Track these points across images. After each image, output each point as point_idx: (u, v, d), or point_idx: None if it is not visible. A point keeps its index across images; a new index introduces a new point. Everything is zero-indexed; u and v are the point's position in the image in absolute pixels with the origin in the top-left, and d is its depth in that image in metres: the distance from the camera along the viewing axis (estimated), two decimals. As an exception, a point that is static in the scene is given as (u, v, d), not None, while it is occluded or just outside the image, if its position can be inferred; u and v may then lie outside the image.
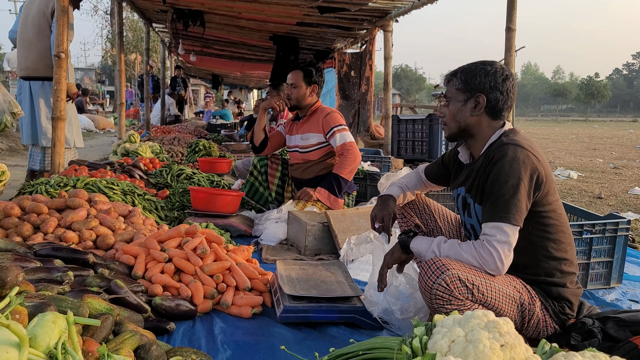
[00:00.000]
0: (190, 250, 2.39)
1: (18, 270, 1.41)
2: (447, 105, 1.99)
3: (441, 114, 2.02)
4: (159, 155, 6.61)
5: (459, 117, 1.94)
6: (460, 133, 1.97)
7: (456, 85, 1.95)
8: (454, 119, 1.96)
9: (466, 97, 1.92)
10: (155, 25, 10.87)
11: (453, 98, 1.96)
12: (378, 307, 2.13)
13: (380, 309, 2.13)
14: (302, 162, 3.87)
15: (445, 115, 2.00)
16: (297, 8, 6.86)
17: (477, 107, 1.91)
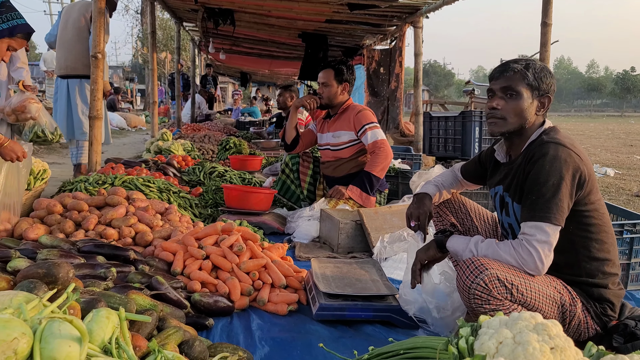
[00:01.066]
0: (226, 248, 2.43)
1: (69, 267, 1.47)
2: (506, 99, 1.88)
3: (497, 106, 1.89)
4: (190, 152, 6.72)
5: (526, 115, 1.86)
6: (516, 131, 1.89)
7: (528, 81, 1.85)
8: (520, 115, 1.86)
9: (534, 95, 1.88)
10: (185, 24, 11.01)
11: (521, 93, 1.86)
12: (414, 306, 2.13)
13: (416, 308, 2.13)
14: (333, 160, 3.88)
15: (503, 109, 1.88)
16: (327, 5, 6.86)
17: (542, 107, 1.89)
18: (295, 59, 13.30)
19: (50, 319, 0.95)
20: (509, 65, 1.89)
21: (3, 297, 1.04)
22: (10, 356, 0.86)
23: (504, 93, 1.88)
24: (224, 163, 6.22)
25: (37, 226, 2.68)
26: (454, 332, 2.06)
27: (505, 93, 1.88)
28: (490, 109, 1.92)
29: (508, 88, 1.87)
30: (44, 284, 1.40)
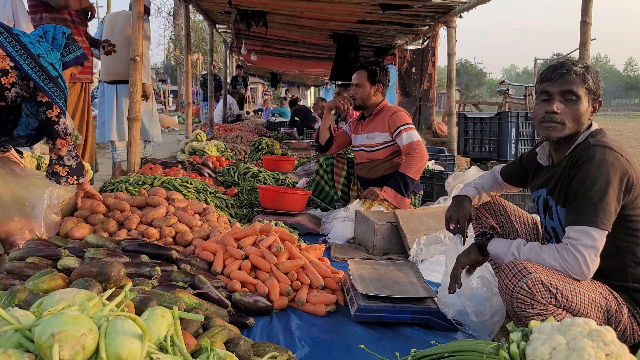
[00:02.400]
0: (265, 248, 2.47)
1: (120, 266, 1.52)
2: (566, 104, 1.83)
3: (557, 110, 1.82)
4: (223, 153, 6.81)
5: (583, 120, 1.83)
6: (574, 135, 1.86)
7: (587, 86, 1.81)
8: (578, 120, 1.83)
9: (590, 100, 1.85)
10: (218, 26, 11.16)
11: (581, 97, 1.82)
12: (452, 309, 2.12)
13: (454, 311, 2.12)
14: (368, 161, 3.89)
15: (562, 113, 1.83)
16: (359, 6, 6.87)
17: (593, 112, 1.86)
18: (325, 60, 13.34)
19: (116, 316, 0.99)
20: (569, 67, 1.83)
21: (66, 295, 1.08)
22: (79, 351, 0.90)
23: (563, 97, 1.83)
24: (256, 164, 6.30)
25: (82, 225, 2.77)
26: (492, 336, 2.04)
27: (565, 97, 1.83)
28: (549, 112, 1.84)
29: (569, 92, 1.82)
30: (98, 282, 1.46)
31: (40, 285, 1.52)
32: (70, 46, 2.95)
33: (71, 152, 2.88)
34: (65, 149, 2.84)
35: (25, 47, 2.63)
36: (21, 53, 2.60)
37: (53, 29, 2.90)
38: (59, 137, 2.79)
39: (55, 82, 2.71)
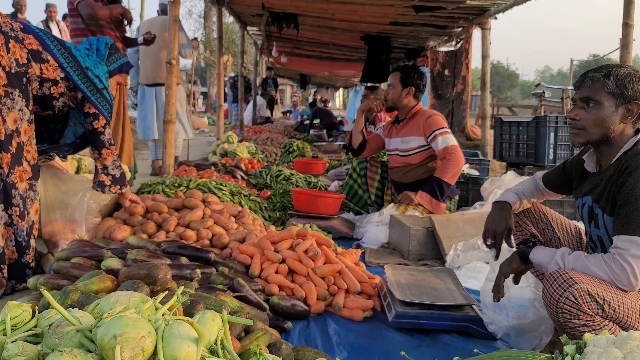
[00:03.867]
0: (302, 252, 2.48)
1: (167, 269, 1.55)
2: (586, 109, 1.83)
3: (575, 117, 1.85)
4: (254, 155, 6.87)
5: (608, 124, 1.80)
6: (601, 141, 1.84)
7: (608, 89, 1.79)
8: (601, 125, 1.81)
9: (618, 103, 1.81)
10: (249, 28, 11.27)
11: (601, 102, 1.80)
12: (493, 318, 2.09)
13: (495, 320, 2.09)
14: (402, 166, 3.86)
15: (583, 120, 1.83)
16: (392, 8, 6.85)
17: (629, 115, 1.81)
18: (355, 61, 13.34)
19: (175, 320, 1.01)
20: (587, 74, 1.86)
21: (122, 297, 1.11)
22: (139, 353, 0.93)
23: (583, 103, 1.84)
24: (287, 166, 6.33)
25: (124, 227, 2.83)
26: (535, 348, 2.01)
27: (585, 103, 1.84)
28: (569, 119, 1.90)
29: (587, 98, 1.83)
30: (145, 284, 1.49)
31: (90, 286, 1.56)
32: (113, 55, 3.03)
33: (115, 162, 2.96)
34: (110, 159, 2.92)
35: (76, 59, 2.72)
36: (72, 64, 2.69)
37: (97, 40, 3.00)
38: (104, 147, 2.87)
39: (101, 94, 2.80)
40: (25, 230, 2.52)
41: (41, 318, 1.09)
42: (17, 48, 2.48)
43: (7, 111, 2.42)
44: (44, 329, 1.05)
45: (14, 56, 2.46)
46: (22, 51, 2.50)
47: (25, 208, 2.52)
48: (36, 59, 2.55)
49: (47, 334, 1.01)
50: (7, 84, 2.41)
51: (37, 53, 2.56)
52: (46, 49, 2.61)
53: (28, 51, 2.53)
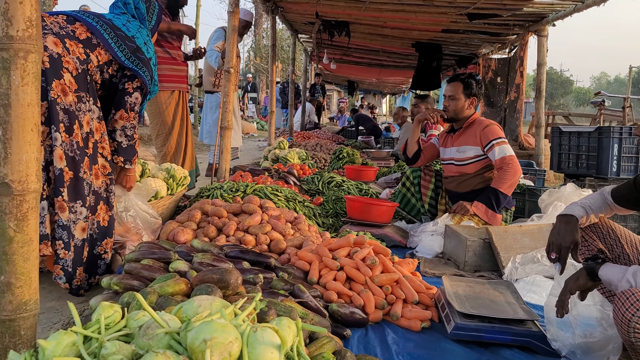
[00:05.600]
0: (360, 260, 2.50)
1: (238, 274, 1.61)
2: None
3: None
4: (305, 161, 6.95)
5: None
6: None
7: None
8: None
9: None
10: (300, 36, 11.41)
11: None
12: (557, 334, 2.05)
13: (560, 337, 2.05)
14: (457, 175, 3.83)
15: None
16: (445, 15, 6.80)
17: None
18: (405, 68, 13.29)
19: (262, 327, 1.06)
20: None
21: (204, 302, 1.17)
22: (226, 357, 0.98)
23: None
24: (337, 172, 6.37)
25: (186, 230, 2.93)
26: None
27: None
28: None
29: None
30: (218, 288, 1.55)
31: (166, 288, 1.64)
32: (150, 9, 2.99)
33: (126, 130, 2.79)
34: (121, 123, 2.76)
35: (121, 33, 2.69)
36: (118, 43, 2.67)
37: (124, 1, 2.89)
38: (123, 108, 2.74)
39: (146, 65, 2.77)
40: (96, 223, 2.66)
41: (130, 319, 1.16)
42: (74, 45, 2.51)
43: (82, 115, 2.53)
44: (134, 330, 1.11)
45: (74, 55, 2.50)
46: (78, 47, 2.53)
47: (97, 202, 2.66)
48: (90, 47, 2.58)
49: (137, 334, 1.08)
50: (77, 89, 2.49)
51: (88, 41, 2.58)
52: (94, 33, 2.60)
53: (82, 44, 2.55)
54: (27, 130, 1.56)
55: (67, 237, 2.47)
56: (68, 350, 1.01)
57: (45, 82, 2.37)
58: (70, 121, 2.46)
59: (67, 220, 2.47)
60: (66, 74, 2.44)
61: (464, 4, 5.99)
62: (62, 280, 2.49)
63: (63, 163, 2.43)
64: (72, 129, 2.47)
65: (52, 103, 2.38)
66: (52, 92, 2.39)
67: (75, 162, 2.49)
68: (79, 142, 2.51)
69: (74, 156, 2.48)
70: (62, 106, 2.43)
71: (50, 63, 2.39)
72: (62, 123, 2.42)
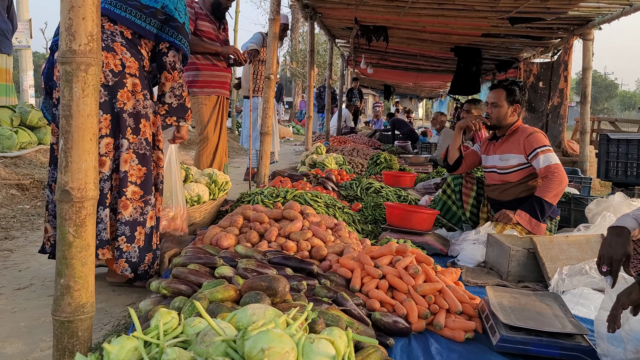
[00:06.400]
0: (402, 269, 2.49)
1: (285, 282, 1.63)
2: None
3: None
4: (342, 166, 6.95)
5: None
6: None
7: None
8: None
9: None
10: (337, 40, 11.44)
11: None
12: (609, 350, 1.99)
13: (611, 353, 1.99)
14: (500, 184, 3.76)
15: None
16: (486, 20, 6.71)
17: None
18: (442, 72, 13.16)
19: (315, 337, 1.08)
20: None
21: (258, 310, 1.20)
22: (283, 367, 1.00)
23: None
24: (375, 178, 6.35)
25: (229, 235, 2.98)
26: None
27: None
28: None
29: None
30: (267, 295, 1.58)
31: (216, 294, 1.68)
32: None
33: (174, 90, 2.81)
34: (169, 85, 2.79)
35: (149, 7, 2.69)
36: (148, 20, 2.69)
37: None
38: (165, 70, 2.77)
39: (181, 32, 2.78)
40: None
41: (187, 325, 1.20)
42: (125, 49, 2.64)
43: (150, 111, 2.71)
44: (192, 337, 1.15)
45: (131, 56, 2.63)
46: (130, 49, 2.67)
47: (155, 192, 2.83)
48: (137, 43, 2.69)
49: (195, 341, 1.11)
50: (142, 89, 2.65)
51: (134, 37, 2.68)
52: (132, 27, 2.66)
53: (131, 43, 2.67)
54: (87, 140, 1.63)
55: (130, 231, 2.65)
56: (130, 354, 1.05)
57: (110, 96, 2.55)
58: (137, 122, 2.63)
59: (130, 216, 2.64)
60: (129, 79, 2.61)
61: (506, 8, 5.90)
62: (128, 271, 2.67)
63: (127, 166, 2.60)
64: (139, 128, 2.64)
65: (119, 113, 2.57)
66: (117, 103, 2.57)
67: (145, 158, 2.68)
68: (147, 138, 2.69)
69: (145, 152, 2.68)
70: (128, 112, 2.60)
71: (112, 78, 2.55)
72: (129, 127, 2.60)
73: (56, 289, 1.66)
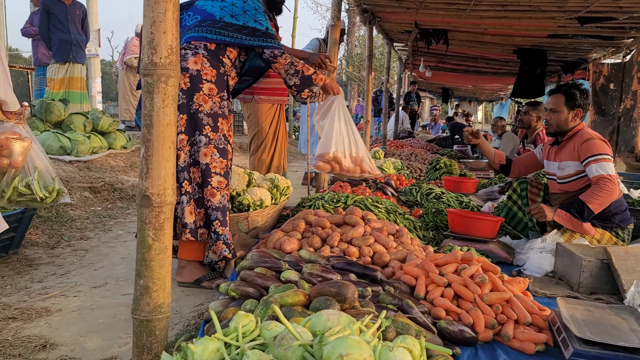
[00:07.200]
0: (468, 278, 2.45)
1: (354, 289, 1.65)
2: None
3: None
4: (400, 171, 6.90)
5: None
6: None
7: None
8: None
9: None
10: (395, 44, 11.37)
11: None
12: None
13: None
14: (560, 193, 3.62)
15: None
16: (552, 20, 6.47)
17: None
18: (504, 75, 12.80)
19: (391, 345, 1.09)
20: None
21: (332, 316, 1.22)
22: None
23: None
24: (434, 183, 6.26)
25: (292, 240, 3.03)
26: None
27: None
28: None
29: None
30: (336, 301, 1.60)
31: (286, 299, 1.72)
32: None
33: (288, 72, 3.15)
34: (282, 70, 3.14)
35: (232, 25, 3.05)
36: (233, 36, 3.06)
37: None
38: (270, 63, 3.12)
39: (267, 36, 3.09)
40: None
41: (263, 328, 1.23)
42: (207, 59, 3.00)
43: (226, 111, 3.06)
44: (269, 340, 1.18)
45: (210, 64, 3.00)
46: (212, 58, 3.03)
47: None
48: (221, 52, 3.06)
49: (273, 344, 1.15)
50: (218, 92, 3.00)
51: (217, 49, 3.04)
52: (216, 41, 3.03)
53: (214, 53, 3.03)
54: (166, 148, 1.71)
55: (222, 216, 3.01)
56: (213, 355, 1.10)
57: (187, 98, 2.93)
58: (215, 121, 2.99)
59: (219, 202, 3.00)
60: (206, 84, 2.97)
61: (575, 8, 5.67)
62: (227, 251, 3.02)
63: (208, 158, 2.96)
64: (217, 126, 3.00)
65: (195, 113, 2.94)
66: (193, 105, 2.94)
67: (225, 152, 3.03)
68: (225, 134, 3.04)
69: (224, 147, 3.03)
70: (205, 112, 2.96)
71: (190, 81, 2.93)
72: (207, 125, 2.97)
73: (136, 289, 1.76)
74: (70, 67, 7.89)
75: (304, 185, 7.13)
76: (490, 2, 5.84)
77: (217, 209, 2.99)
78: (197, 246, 3.09)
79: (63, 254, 3.84)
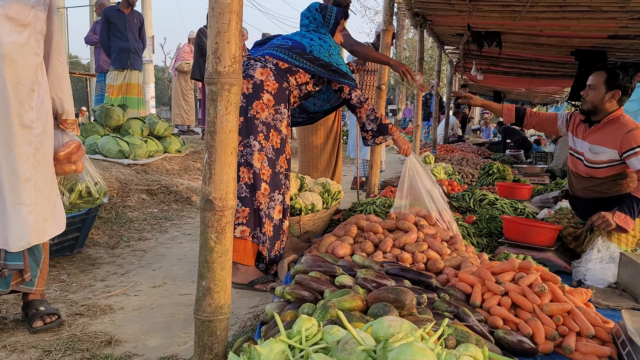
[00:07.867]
0: (526, 287, 2.39)
1: (412, 295, 1.64)
2: None
3: None
4: (451, 176, 6.79)
5: None
6: None
7: None
8: None
9: None
10: (446, 47, 11.22)
11: None
12: None
13: None
14: (585, 177, 3.50)
15: None
16: (613, 21, 6.22)
17: None
18: (559, 77, 12.40)
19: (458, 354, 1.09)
20: None
21: (394, 323, 1.23)
22: (427, 381, 1.01)
23: None
24: (487, 189, 6.12)
25: (344, 244, 3.05)
26: None
27: None
28: None
29: None
30: (395, 307, 1.60)
31: (344, 303, 1.73)
32: (325, 12, 3.51)
33: (369, 116, 3.52)
34: (364, 115, 3.52)
35: (308, 54, 3.35)
36: (311, 65, 3.35)
37: (308, 11, 3.54)
38: (356, 107, 3.51)
39: (338, 73, 3.41)
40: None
41: (325, 332, 1.25)
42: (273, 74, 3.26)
43: (279, 123, 3.25)
44: (332, 344, 1.20)
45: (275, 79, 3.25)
46: (277, 75, 3.30)
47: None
48: (290, 73, 3.32)
49: (336, 348, 1.16)
50: (274, 104, 3.22)
51: (288, 69, 3.32)
52: (291, 64, 3.32)
53: (283, 71, 3.31)
54: (228, 154, 1.77)
55: (268, 220, 3.18)
56: (278, 357, 1.13)
57: (247, 103, 3.13)
58: (268, 131, 3.19)
59: (267, 207, 3.17)
60: (265, 95, 3.19)
61: (639, 8, 5.43)
62: (267, 255, 3.20)
63: (259, 164, 3.14)
64: (269, 136, 3.20)
65: (251, 119, 3.13)
66: (251, 110, 3.14)
67: (272, 161, 3.22)
68: (274, 145, 3.23)
69: (272, 157, 3.22)
70: (260, 120, 3.15)
71: (252, 88, 3.16)
72: (261, 133, 3.16)
73: (198, 290, 1.82)
74: (128, 74, 8.23)
75: (352, 190, 7.12)
76: (547, 3, 5.68)
77: (265, 213, 3.16)
78: (246, 248, 3.13)
79: (123, 254, 4.00)
